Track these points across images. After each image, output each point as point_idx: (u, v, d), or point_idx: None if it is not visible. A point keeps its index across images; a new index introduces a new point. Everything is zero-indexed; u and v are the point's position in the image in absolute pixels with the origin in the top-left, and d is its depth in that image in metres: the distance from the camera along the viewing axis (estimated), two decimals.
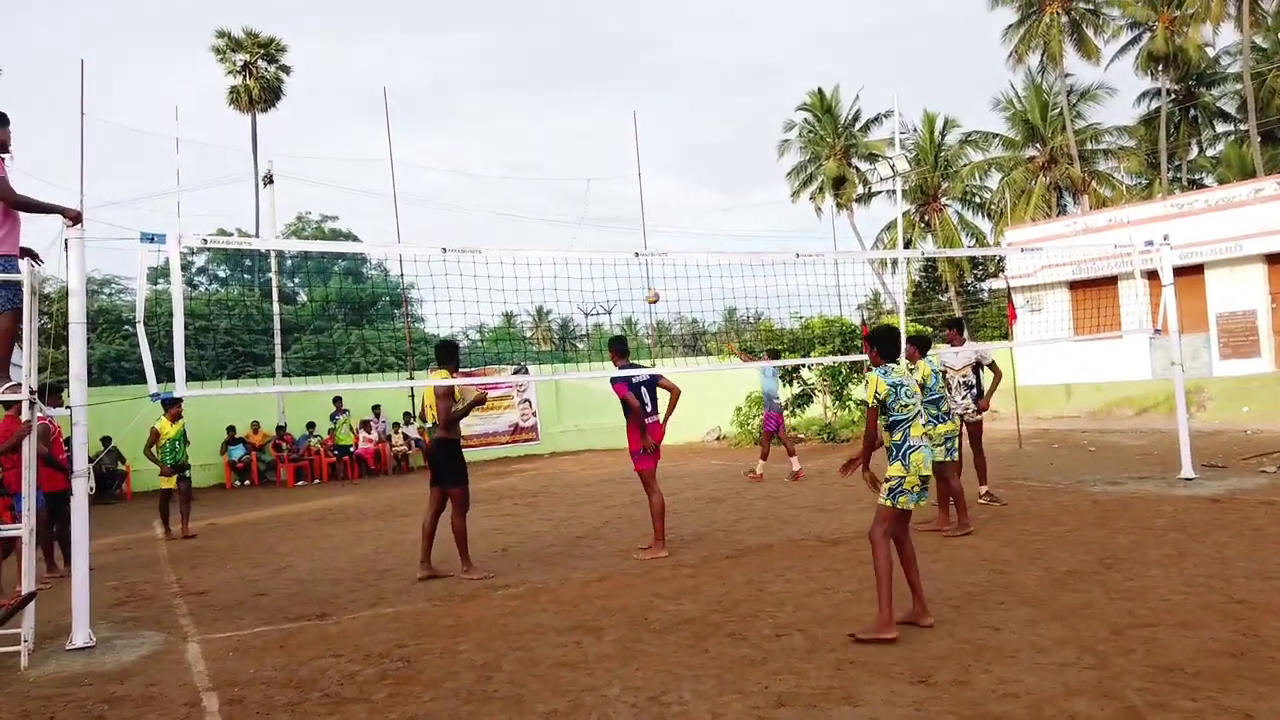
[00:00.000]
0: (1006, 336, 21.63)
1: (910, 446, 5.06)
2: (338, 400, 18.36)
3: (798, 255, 9.33)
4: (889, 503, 5.08)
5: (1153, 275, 11.07)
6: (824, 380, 18.39)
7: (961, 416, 8.90)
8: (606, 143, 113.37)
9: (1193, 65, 35.92)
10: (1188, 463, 10.08)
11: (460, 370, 7.84)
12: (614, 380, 7.86)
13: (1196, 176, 39.07)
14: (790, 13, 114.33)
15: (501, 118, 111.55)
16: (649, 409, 7.79)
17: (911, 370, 8.24)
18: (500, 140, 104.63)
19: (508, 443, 19.48)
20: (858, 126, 40.95)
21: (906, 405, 5.13)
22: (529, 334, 47.38)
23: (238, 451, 18.00)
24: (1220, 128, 39.18)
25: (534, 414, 19.88)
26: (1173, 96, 36.91)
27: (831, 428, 18.11)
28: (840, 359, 17.05)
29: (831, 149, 40.65)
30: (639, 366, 8.19)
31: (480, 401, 7.92)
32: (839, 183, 40.63)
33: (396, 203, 20.80)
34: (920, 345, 8.25)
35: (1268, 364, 18.62)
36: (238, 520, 12.63)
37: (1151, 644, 4.59)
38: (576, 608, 6.08)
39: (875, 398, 5.16)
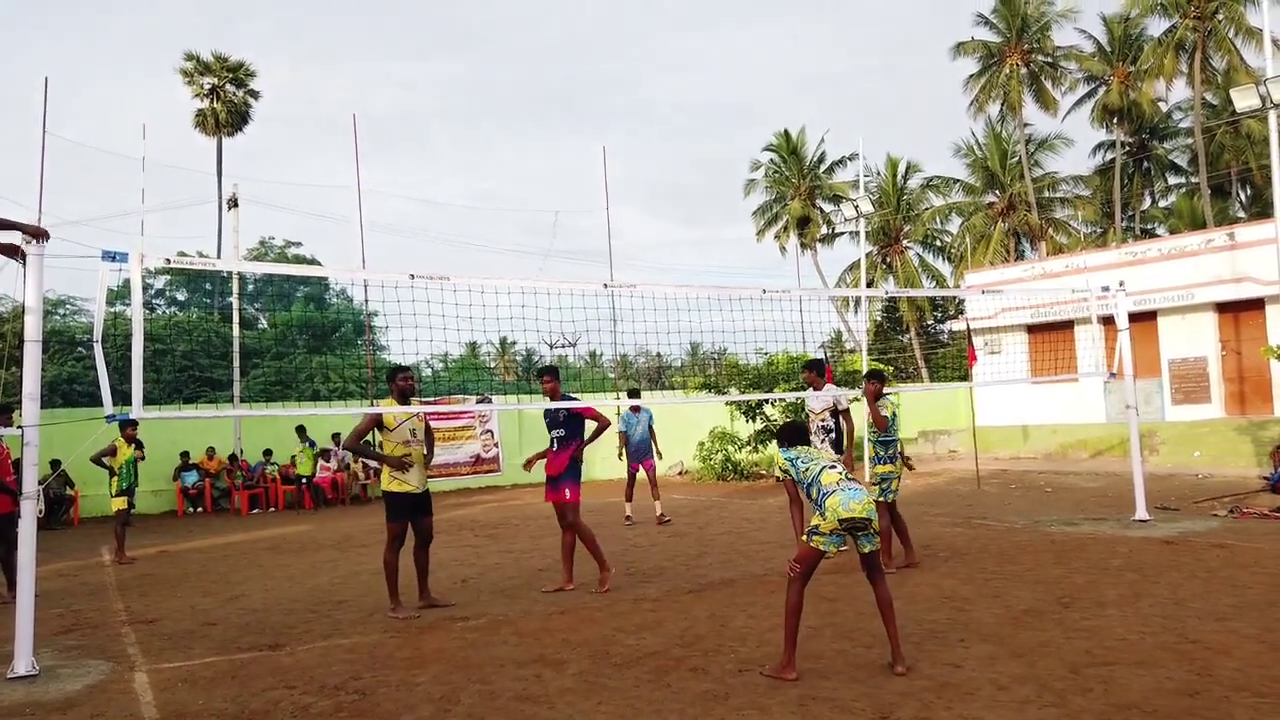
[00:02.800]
0: (966, 377, 21.94)
1: (825, 493, 5.07)
2: (301, 429, 18.06)
3: (764, 291, 9.41)
4: (804, 538, 5.12)
5: (1108, 321, 11.33)
6: (786, 416, 18.48)
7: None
8: (575, 177, 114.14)
9: (1146, 119, 37.11)
10: (1142, 505, 10.25)
11: (418, 399, 7.74)
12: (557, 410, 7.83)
13: (1149, 226, 40.19)
14: (758, 58, 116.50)
15: (470, 149, 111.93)
16: (552, 443, 7.80)
17: (883, 403, 8.29)
18: (469, 171, 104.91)
19: (469, 474, 19.29)
20: (823, 168, 41.66)
21: (807, 469, 5.27)
22: (493, 364, 47.16)
23: (191, 478, 17.63)
24: (1172, 179, 40.45)
25: (496, 445, 19.73)
26: (1127, 148, 38.05)
27: None
28: (802, 395, 17.16)
29: (796, 189, 41.25)
30: (572, 398, 8.18)
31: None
32: (803, 222, 41.19)
33: (363, 229, 20.70)
34: (880, 381, 8.37)
35: (1218, 410, 19.07)
36: (189, 547, 12.34)
37: (1109, 683, 4.63)
38: (538, 640, 6.01)
39: (781, 471, 5.44)
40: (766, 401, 17.77)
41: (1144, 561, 7.86)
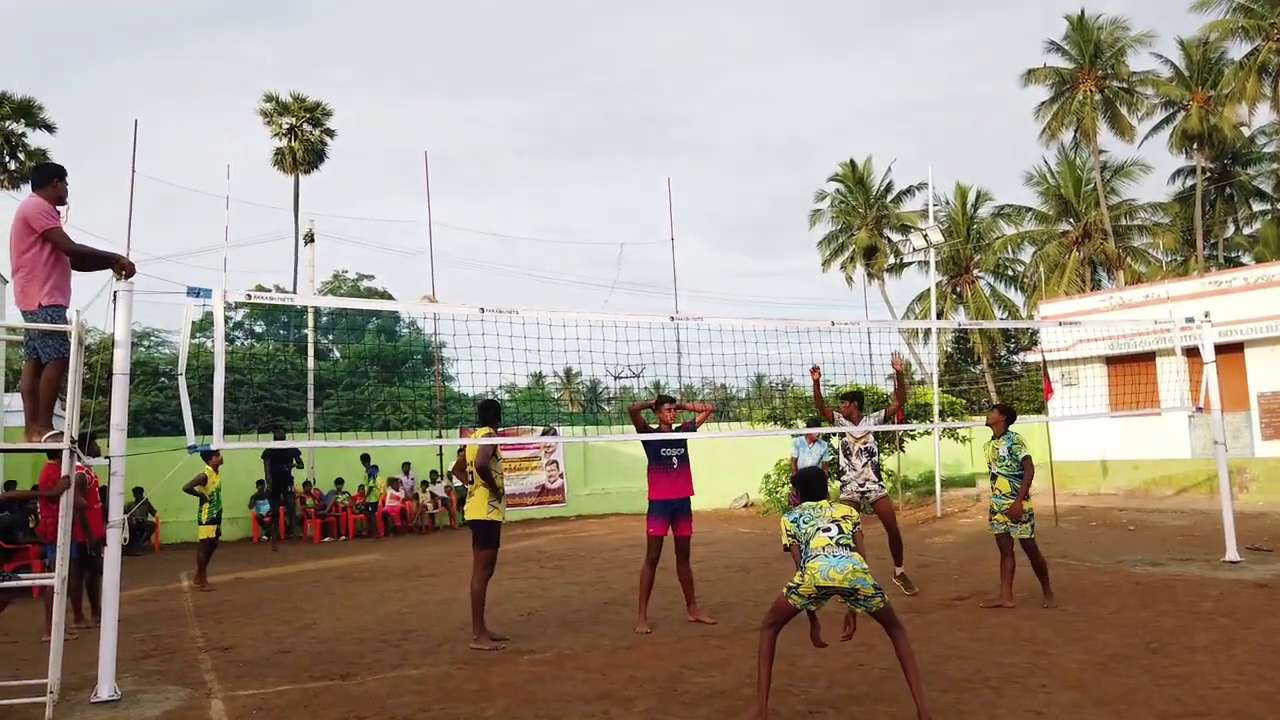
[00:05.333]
0: (1041, 410, 21.33)
1: (809, 556, 5.02)
2: (365, 458, 18.37)
3: (833, 323, 9.31)
4: (784, 591, 5.07)
5: (1192, 352, 10.91)
6: None
7: (865, 493, 8.92)
8: (641, 210, 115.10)
9: (1228, 144, 35.94)
10: (1232, 545, 9.79)
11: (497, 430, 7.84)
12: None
13: (1233, 254, 38.80)
14: (822, 90, 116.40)
15: (537, 183, 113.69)
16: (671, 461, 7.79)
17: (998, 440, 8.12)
18: (535, 205, 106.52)
19: (534, 504, 19.38)
20: (889, 198, 41.25)
21: (805, 531, 5.19)
22: (558, 395, 47.49)
23: (265, 506, 18.06)
24: (1257, 206, 39.00)
25: (561, 476, 19.80)
26: (1208, 174, 36.89)
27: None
28: (870, 429, 16.87)
29: (863, 219, 40.89)
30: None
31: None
32: (870, 252, 40.77)
33: (433, 262, 21.13)
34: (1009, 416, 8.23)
35: None
36: (263, 575, 12.61)
37: None
38: (604, 676, 5.96)
39: (787, 535, 5.29)
40: (834, 434, 17.48)
41: (1236, 605, 7.49)
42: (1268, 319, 18.50)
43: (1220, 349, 11.39)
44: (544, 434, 16.96)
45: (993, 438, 8.20)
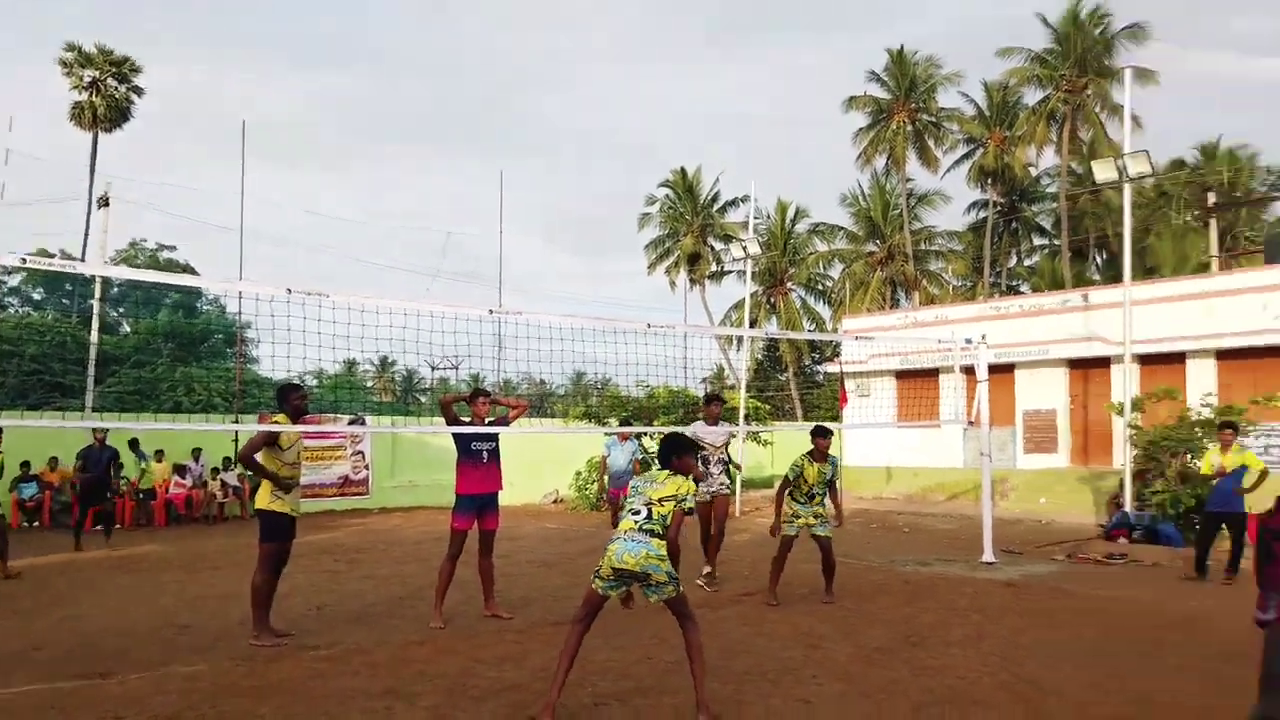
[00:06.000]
0: (838, 418, 22.66)
1: (612, 539, 5.13)
2: (134, 443, 16.87)
3: (649, 325, 9.52)
4: (593, 580, 5.15)
5: (970, 371, 11.91)
6: None
7: (715, 492, 9.28)
8: (471, 200, 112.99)
9: (1017, 182, 39.53)
10: (989, 547, 10.77)
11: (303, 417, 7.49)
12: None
13: (1014, 283, 42.67)
14: (658, 97, 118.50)
15: (364, 164, 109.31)
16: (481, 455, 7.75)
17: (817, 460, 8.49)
18: (361, 187, 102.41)
19: (335, 495, 18.66)
20: (716, 207, 42.63)
21: (627, 505, 5.27)
22: (370, 384, 45.96)
23: (29, 490, 16.44)
24: (1037, 240, 43.15)
25: (366, 467, 19.18)
26: (998, 208, 40.37)
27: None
28: (682, 429, 17.39)
29: (689, 226, 42.03)
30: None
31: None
32: (694, 259, 41.97)
33: (243, 238, 19.97)
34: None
35: (1064, 459, 20.26)
36: (22, 564, 11.48)
37: None
38: (392, 672, 5.84)
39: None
40: (646, 434, 17.88)
41: (988, 603, 8.25)
42: (1036, 344, 20.47)
43: (993, 369, 12.49)
44: (350, 423, 16.34)
45: (814, 460, 8.46)
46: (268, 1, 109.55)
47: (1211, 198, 27.92)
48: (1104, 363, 19.68)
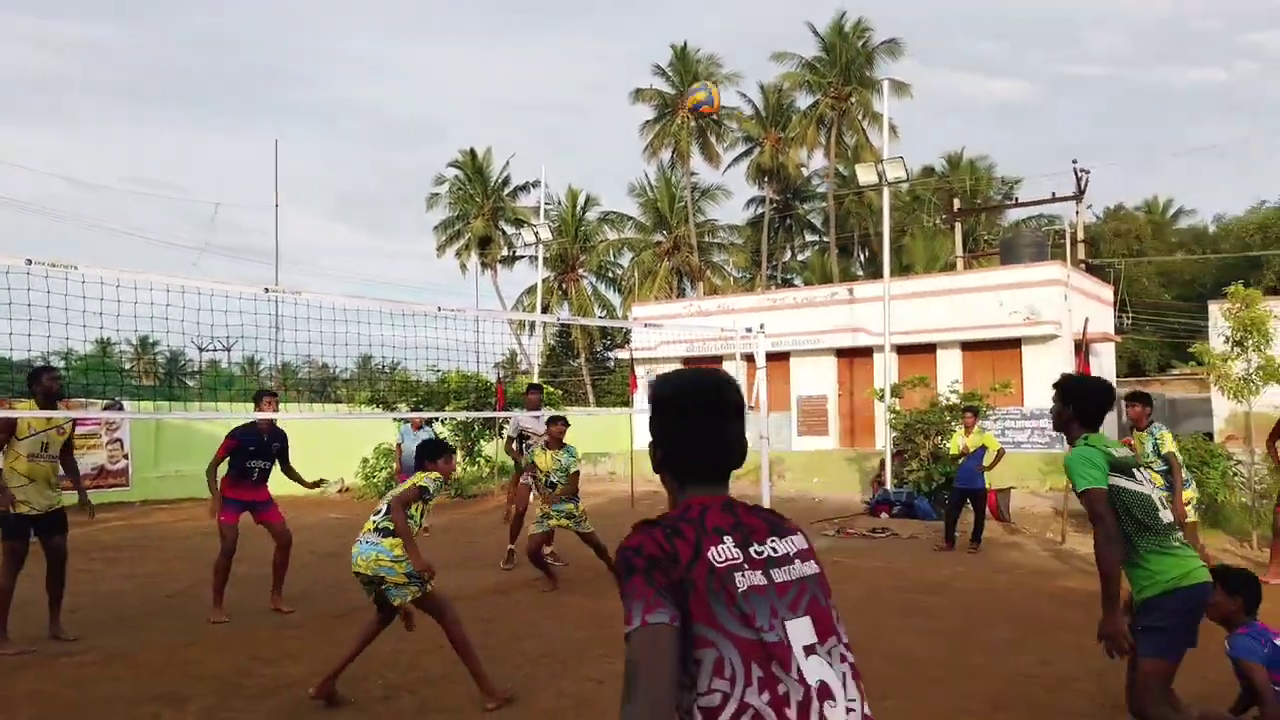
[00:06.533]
0: (628, 404, 23.22)
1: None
2: None
3: (440, 309, 9.35)
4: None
5: (750, 358, 12.58)
6: (456, 435, 18.42)
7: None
8: (244, 170, 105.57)
9: (791, 181, 41.95)
10: None
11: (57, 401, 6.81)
12: None
13: (789, 276, 45.34)
14: (449, 75, 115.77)
15: (124, 127, 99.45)
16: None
17: None
18: (122, 151, 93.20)
19: (90, 488, 16.96)
20: (506, 191, 42.31)
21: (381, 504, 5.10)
22: (129, 365, 42.13)
23: None
24: (809, 237, 46.00)
25: (125, 456, 17.61)
26: (774, 205, 42.68)
27: (459, 482, 18.13)
28: (474, 415, 17.24)
29: (480, 209, 41.49)
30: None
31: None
32: (485, 242, 41.49)
33: None
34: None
35: (834, 442, 21.87)
36: None
37: None
38: (159, 675, 5.46)
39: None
40: (437, 419, 17.58)
41: None
42: (808, 333, 21.91)
43: (771, 357, 13.29)
44: (106, 408, 14.90)
45: (547, 447, 8.52)
46: None
47: (956, 203, 30.88)
48: (867, 352, 21.37)
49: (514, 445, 9.94)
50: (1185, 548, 3.53)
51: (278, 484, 7.50)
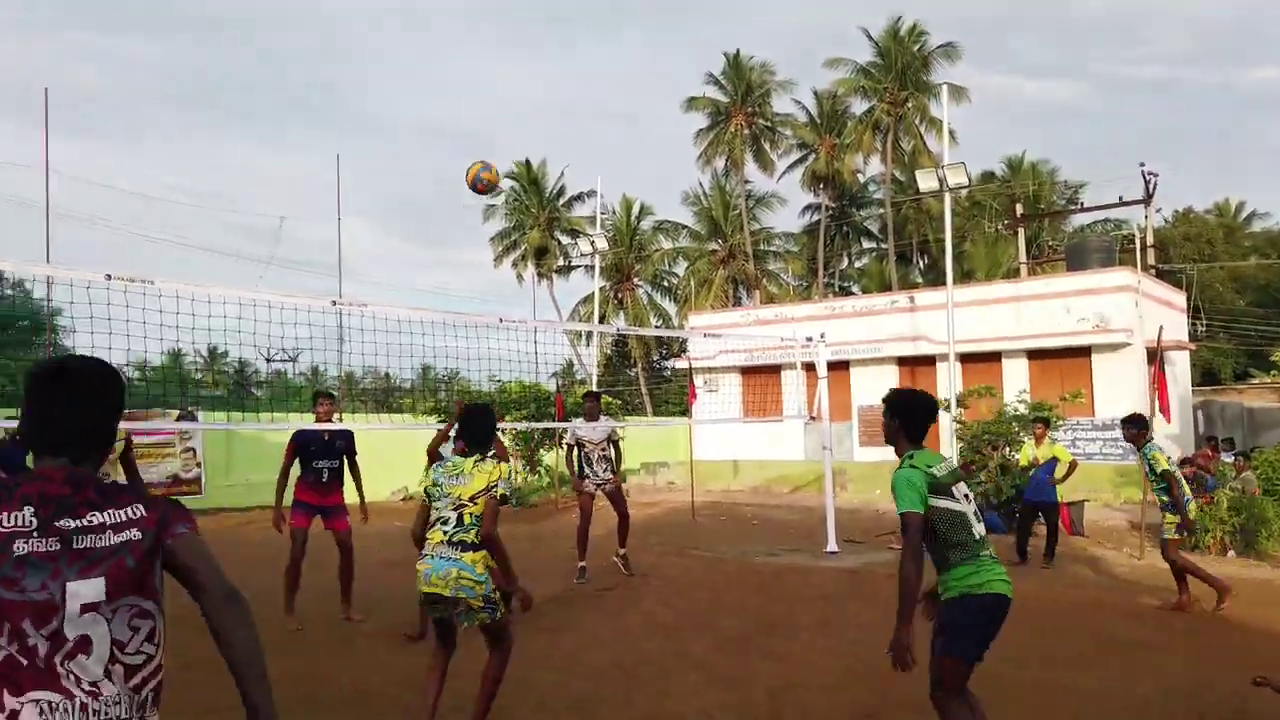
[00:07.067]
0: (686, 413, 23.17)
1: (421, 556, 4.43)
2: None
3: (500, 320, 9.47)
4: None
5: (810, 367, 12.46)
6: (517, 445, 18.54)
7: (603, 485, 9.37)
8: (305, 184, 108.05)
9: (846, 187, 41.56)
10: (832, 537, 11.30)
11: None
12: None
13: (845, 284, 44.90)
14: (501, 87, 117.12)
15: (187, 141, 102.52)
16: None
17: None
18: (185, 165, 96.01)
19: (164, 496, 17.48)
20: (562, 201, 42.62)
21: (434, 509, 4.46)
22: (200, 376, 43.30)
23: None
24: (866, 244, 45.51)
25: (199, 465, 18.08)
26: (830, 212, 42.32)
27: (520, 492, 18.25)
28: (534, 425, 17.33)
29: (535, 219, 41.85)
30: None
31: None
32: (541, 253, 41.83)
33: (49, 217, 18.37)
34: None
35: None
36: None
37: (802, 705, 5.06)
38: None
39: (423, 491, 4.55)
40: (502, 430, 17.73)
41: (833, 591, 8.67)
42: (868, 342, 21.63)
43: (831, 366, 13.10)
44: (179, 418, 15.35)
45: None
46: None
47: (1019, 209, 30.27)
48: (930, 361, 21.01)
49: (572, 455, 9.95)
50: (993, 562, 3.79)
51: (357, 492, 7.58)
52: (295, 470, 7.50)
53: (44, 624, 1.78)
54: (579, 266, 42.25)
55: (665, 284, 43.82)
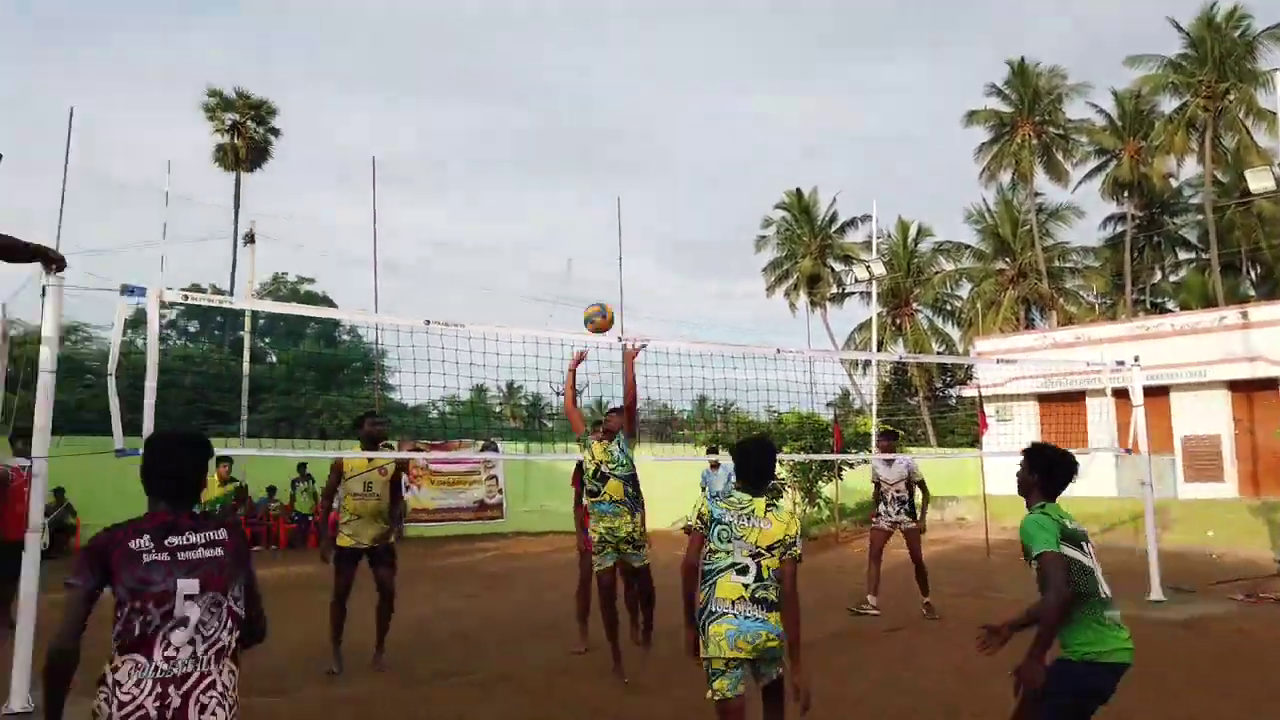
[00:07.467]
0: (976, 443, 21.81)
1: (712, 612, 3.77)
2: (302, 467, 17.94)
3: (779, 351, 9.42)
4: (708, 694, 3.83)
5: (1120, 394, 11.25)
6: (795, 476, 18.36)
7: (897, 524, 9.20)
8: (587, 225, 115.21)
9: (1156, 193, 37.43)
10: (1156, 584, 10.07)
11: (405, 444, 7.73)
12: None
13: (1159, 300, 40.32)
14: (770, 118, 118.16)
15: (485, 194, 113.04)
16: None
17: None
18: (482, 216, 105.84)
19: (472, 519, 19.13)
20: (834, 228, 42.04)
21: (718, 551, 3.83)
22: (499, 409, 47.11)
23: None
24: (1182, 255, 40.63)
25: (500, 491, 19.59)
26: (1137, 222, 38.32)
27: (800, 524, 18.04)
28: (812, 456, 17.06)
29: (808, 248, 41.56)
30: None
31: None
32: (813, 281, 41.43)
33: (376, 270, 20.84)
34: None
35: (1231, 489, 18.86)
36: None
37: None
38: (536, 701, 5.86)
39: (698, 520, 3.93)
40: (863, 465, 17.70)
41: (1163, 644, 7.68)
42: (1192, 364, 19.22)
43: (1147, 392, 11.76)
44: (484, 449, 16.76)
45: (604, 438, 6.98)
46: (386, 42, 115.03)
47: None
48: (1269, 384, 18.32)
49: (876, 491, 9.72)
50: (1118, 627, 3.62)
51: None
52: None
53: (161, 605, 2.64)
54: (854, 293, 41.37)
55: (947, 308, 41.73)
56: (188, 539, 2.72)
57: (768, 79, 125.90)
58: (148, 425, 5.91)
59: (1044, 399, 21.78)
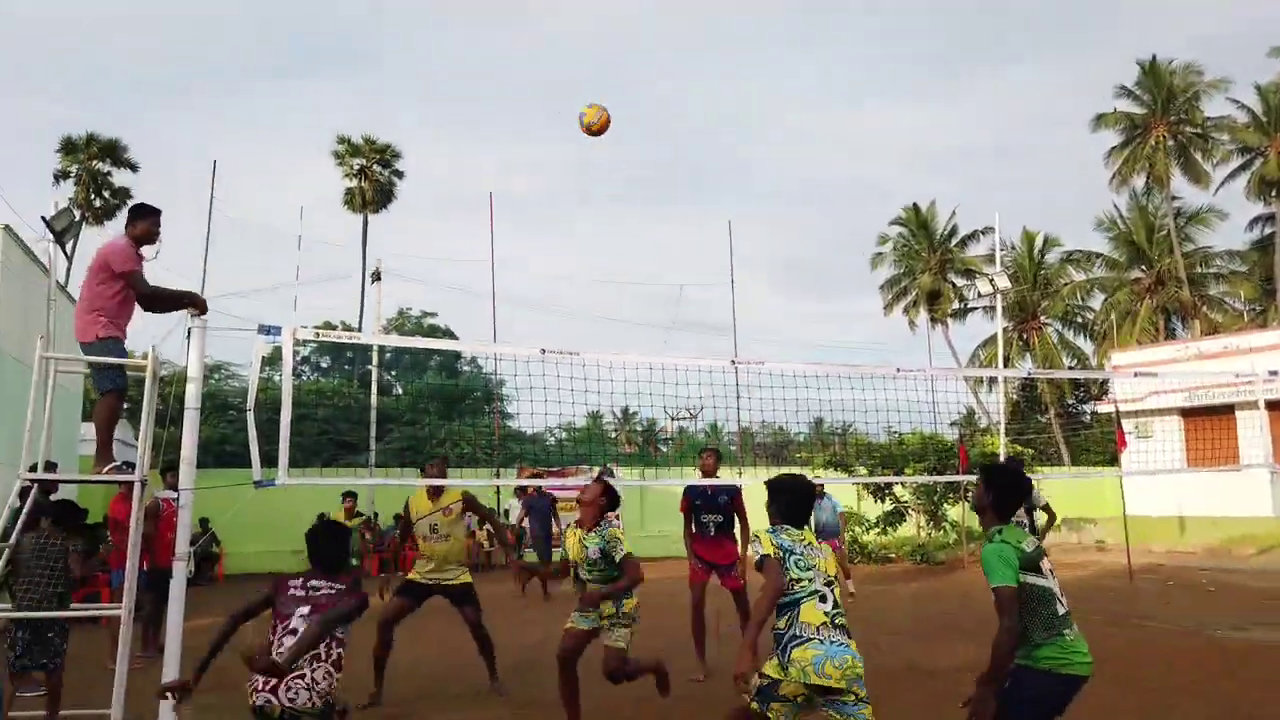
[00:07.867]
0: (1113, 462, 20.66)
1: (796, 637, 3.69)
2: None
3: (898, 370, 9.15)
4: (755, 705, 3.79)
5: (1274, 406, 10.47)
6: (918, 499, 17.80)
7: None
8: (698, 249, 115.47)
9: None
10: None
11: (541, 471, 7.87)
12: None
13: None
14: (883, 133, 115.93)
15: (597, 224, 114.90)
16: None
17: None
18: (595, 246, 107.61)
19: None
20: (954, 242, 40.81)
21: (800, 580, 3.79)
22: (614, 434, 47.51)
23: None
24: None
25: (618, 517, 19.71)
26: None
27: (925, 549, 17.40)
28: (935, 479, 16.50)
29: (926, 263, 40.47)
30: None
31: None
32: (933, 297, 40.27)
33: (494, 303, 21.40)
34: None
35: None
36: None
37: None
38: None
39: (775, 549, 3.88)
40: (897, 484, 17.17)
41: None
42: None
43: None
44: (600, 474, 16.87)
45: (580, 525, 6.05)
46: (500, 88, 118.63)
47: None
48: None
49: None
50: (1077, 640, 3.70)
51: None
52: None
53: (285, 621, 4.07)
54: (976, 308, 39.96)
55: (1078, 320, 39.78)
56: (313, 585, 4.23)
57: (873, 93, 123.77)
58: (282, 459, 6.21)
59: (1188, 413, 20.46)
